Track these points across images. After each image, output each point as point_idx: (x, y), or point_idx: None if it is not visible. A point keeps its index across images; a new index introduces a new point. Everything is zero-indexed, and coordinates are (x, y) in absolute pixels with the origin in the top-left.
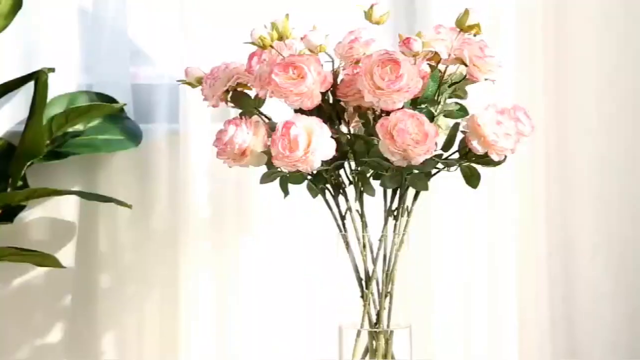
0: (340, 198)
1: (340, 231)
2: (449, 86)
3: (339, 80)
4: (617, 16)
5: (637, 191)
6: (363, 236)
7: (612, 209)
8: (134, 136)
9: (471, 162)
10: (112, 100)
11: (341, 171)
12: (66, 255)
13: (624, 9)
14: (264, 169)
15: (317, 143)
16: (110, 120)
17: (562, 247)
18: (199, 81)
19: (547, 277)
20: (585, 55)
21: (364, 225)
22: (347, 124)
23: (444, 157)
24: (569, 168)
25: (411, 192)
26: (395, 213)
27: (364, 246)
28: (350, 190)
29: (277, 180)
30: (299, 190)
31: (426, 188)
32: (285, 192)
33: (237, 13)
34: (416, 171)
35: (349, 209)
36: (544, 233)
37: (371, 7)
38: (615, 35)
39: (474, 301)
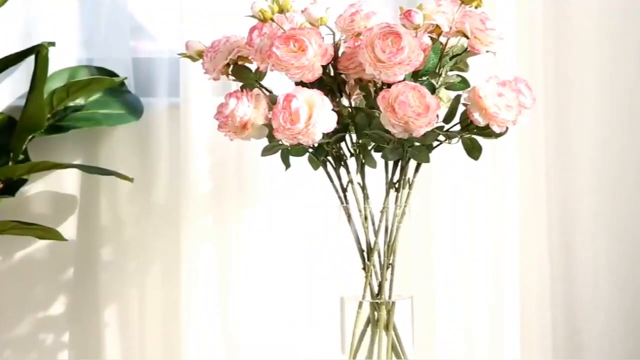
0: (342, 170)
1: (342, 203)
2: (450, 59)
3: (340, 53)
4: None
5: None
6: (364, 208)
7: (613, 179)
8: (134, 110)
9: (472, 134)
10: (112, 74)
11: (342, 144)
12: (68, 228)
13: None
14: (265, 142)
15: (318, 116)
16: (111, 94)
17: (563, 216)
18: (200, 54)
19: (547, 245)
20: (586, 27)
21: (366, 197)
22: (349, 97)
23: (445, 129)
24: (569, 138)
25: (412, 164)
26: (396, 185)
27: (366, 218)
28: (352, 163)
29: (279, 153)
30: (300, 163)
31: (427, 160)
32: (287, 165)
33: None
34: (417, 143)
35: (350, 181)
36: (545, 202)
37: None
38: (617, 3)
39: (476, 272)
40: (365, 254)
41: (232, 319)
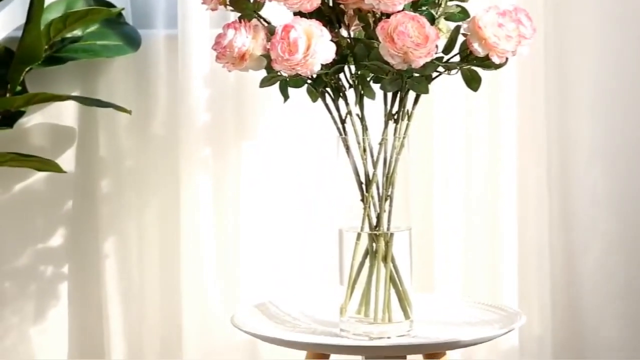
0: (341, 102)
1: (341, 135)
2: None
3: None
4: None
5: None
6: (363, 140)
7: (612, 115)
8: (132, 41)
9: (472, 65)
10: (110, 5)
11: (341, 75)
12: (66, 160)
13: None
14: (263, 73)
15: (316, 46)
16: (108, 25)
17: (561, 147)
18: None
19: (546, 178)
20: None
21: (364, 128)
22: (347, 27)
23: (444, 60)
24: (568, 68)
25: (411, 95)
26: (395, 117)
27: (364, 150)
28: (351, 94)
29: (277, 85)
30: (298, 95)
31: (426, 91)
32: (285, 97)
33: None
34: (416, 74)
35: (349, 112)
36: (544, 134)
37: None
38: None
39: (475, 204)
40: (363, 185)
41: (229, 251)
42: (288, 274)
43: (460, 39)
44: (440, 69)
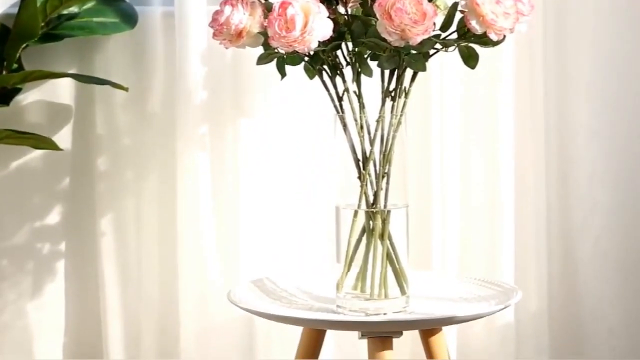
0: (338, 79)
1: (338, 112)
2: None
3: None
4: None
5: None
6: (360, 117)
7: (608, 90)
8: (129, 18)
9: (469, 42)
10: None
11: (338, 52)
12: (63, 138)
13: None
14: (260, 50)
15: (314, 23)
16: (105, 2)
17: (559, 125)
18: None
19: (544, 155)
20: None
21: (362, 106)
22: (345, 4)
23: (442, 37)
24: (566, 45)
25: (409, 72)
26: (392, 94)
27: (362, 127)
28: (348, 72)
29: (274, 62)
30: (296, 72)
31: (424, 69)
32: (282, 74)
33: None
34: (414, 52)
35: (346, 90)
36: (542, 111)
37: None
38: None
39: (472, 181)
40: (360, 163)
41: (227, 228)
42: (285, 251)
43: (458, 16)
44: (438, 46)
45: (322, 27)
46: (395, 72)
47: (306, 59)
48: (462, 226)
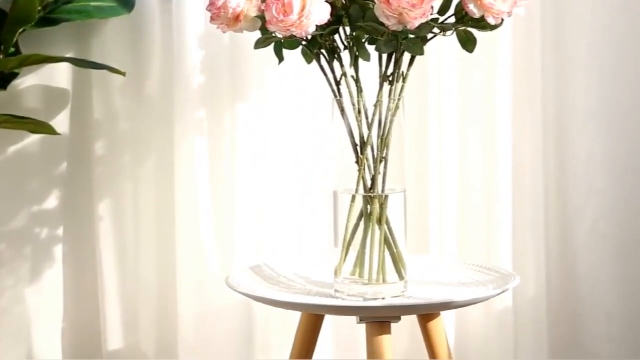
0: (335, 64)
1: (335, 97)
2: None
3: None
4: None
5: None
6: (358, 101)
7: (606, 72)
8: (126, 2)
9: (467, 26)
10: None
11: (336, 36)
12: (61, 122)
13: None
14: (258, 34)
15: (311, 7)
16: None
17: (557, 108)
18: None
19: (541, 139)
20: None
21: (359, 90)
22: None
23: (439, 21)
24: (564, 29)
25: (406, 56)
26: (390, 78)
27: (359, 111)
28: (345, 56)
29: (272, 46)
30: (293, 56)
31: (422, 52)
32: (280, 58)
33: None
34: (412, 35)
35: (343, 74)
36: (540, 95)
37: None
38: None
39: (470, 166)
40: (358, 147)
41: (225, 212)
42: (283, 236)
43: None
44: (436, 30)
45: (319, 11)
46: (393, 56)
47: (304, 43)
48: (460, 211)
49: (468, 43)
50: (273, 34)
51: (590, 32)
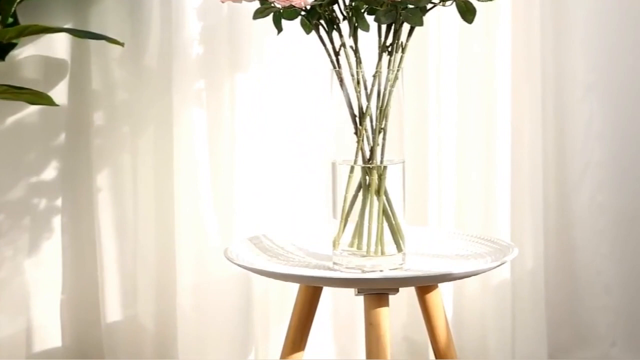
0: (335, 34)
1: (334, 67)
2: None
3: None
4: None
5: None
6: (357, 72)
7: (605, 46)
8: None
9: None
10: None
11: (335, 7)
12: (59, 93)
13: None
14: (256, 5)
15: None
16: None
17: (556, 81)
18: None
19: (540, 111)
20: None
21: (358, 61)
22: None
23: None
24: (563, 1)
25: (406, 27)
26: (389, 49)
27: (358, 82)
28: (345, 26)
29: (271, 17)
30: (292, 27)
31: (421, 23)
32: (279, 29)
33: None
34: (411, 6)
35: (343, 44)
36: (539, 67)
37: None
38: None
39: (469, 137)
40: (357, 118)
41: (223, 183)
42: (282, 207)
43: None
44: (435, 0)
45: None
46: (392, 27)
47: (303, 13)
48: (458, 182)
49: (467, 13)
50: (272, 4)
51: (589, 2)
